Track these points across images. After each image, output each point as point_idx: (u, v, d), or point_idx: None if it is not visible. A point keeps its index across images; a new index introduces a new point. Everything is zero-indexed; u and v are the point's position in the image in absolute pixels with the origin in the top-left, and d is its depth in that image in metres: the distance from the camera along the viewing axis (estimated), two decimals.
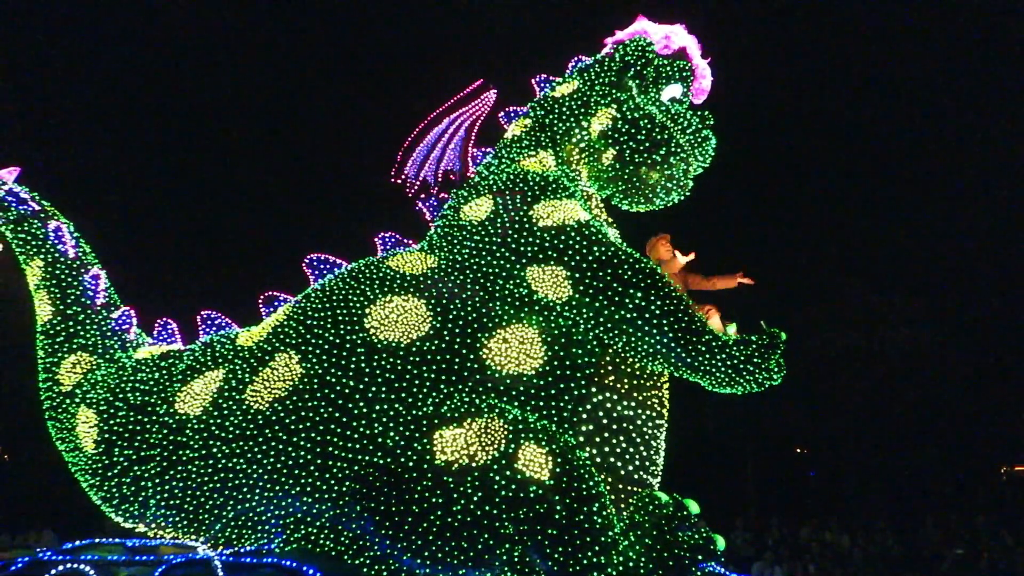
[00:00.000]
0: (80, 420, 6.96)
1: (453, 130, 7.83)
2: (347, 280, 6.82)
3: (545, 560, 5.44)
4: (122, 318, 7.61)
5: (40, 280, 7.56)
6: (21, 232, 7.70)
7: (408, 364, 6.13)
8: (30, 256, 7.65)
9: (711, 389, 6.45)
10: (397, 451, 5.76)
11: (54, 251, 7.64)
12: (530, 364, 6.13)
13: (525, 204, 6.78)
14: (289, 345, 6.52)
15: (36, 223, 7.73)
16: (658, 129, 7.15)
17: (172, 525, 6.63)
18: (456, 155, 7.80)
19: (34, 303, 7.58)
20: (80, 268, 7.64)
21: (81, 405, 7.02)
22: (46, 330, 7.41)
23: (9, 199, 7.75)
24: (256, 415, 6.29)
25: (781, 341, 6.25)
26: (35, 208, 7.82)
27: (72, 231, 7.89)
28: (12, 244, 7.83)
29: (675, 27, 7.80)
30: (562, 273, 6.32)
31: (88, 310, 7.48)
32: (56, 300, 7.46)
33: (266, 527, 6.25)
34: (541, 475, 5.51)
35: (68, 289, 7.50)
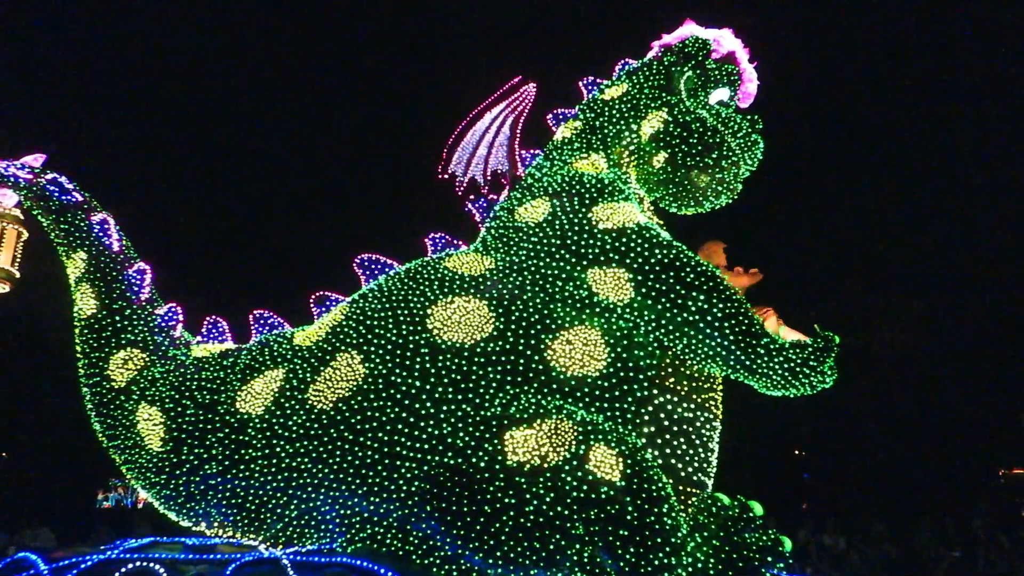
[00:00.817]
0: (142, 417, 6.90)
1: (497, 128, 7.87)
2: (405, 280, 6.84)
3: (616, 561, 5.46)
4: (168, 314, 7.55)
5: (83, 273, 7.48)
6: (64, 223, 7.61)
7: (473, 365, 6.16)
8: (73, 248, 7.57)
9: (764, 392, 6.51)
10: (468, 451, 5.78)
11: (98, 244, 7.57)
12: (594, 366, 6.17)
13: (583, 206, 6.83)
14: (350, 345, 6.52)
15: (80, 214, 7.64)
16: (710, 132, 7.22)
17: (232, 524, 6.62)
18: (503, 155, 7.83)
19: (75, 296, 7.48)
20: (124, 262, 7.59)
21: (141, 402, 6.95)
22: (90, 324, 7.32)
23: (52, 188, 7.67)
24: (320, 415, 6.29)
25: (835, 344, 6.34)
26: (78, 199, 7.73)
27: (116, 225, 7.84)
28: (52, 236, 7.74)
29: (723, 31, 7.88)
30: (624, 275, 6.37)
31: (133, 305, 7.42)
32: (101, 294, 7.38)
33: (329, 527, 6.26)
34: (612, 476, 5.54)
35: (113, 283, 7.43)
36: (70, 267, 7.59)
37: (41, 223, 7.85)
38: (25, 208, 8.05)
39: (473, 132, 8.12)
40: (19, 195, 7.87)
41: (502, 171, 7.82)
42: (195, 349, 7.29)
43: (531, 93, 8.25)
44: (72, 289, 7.53)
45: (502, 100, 8.01)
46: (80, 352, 7.32)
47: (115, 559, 5.80)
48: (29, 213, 8.43)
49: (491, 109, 8.02)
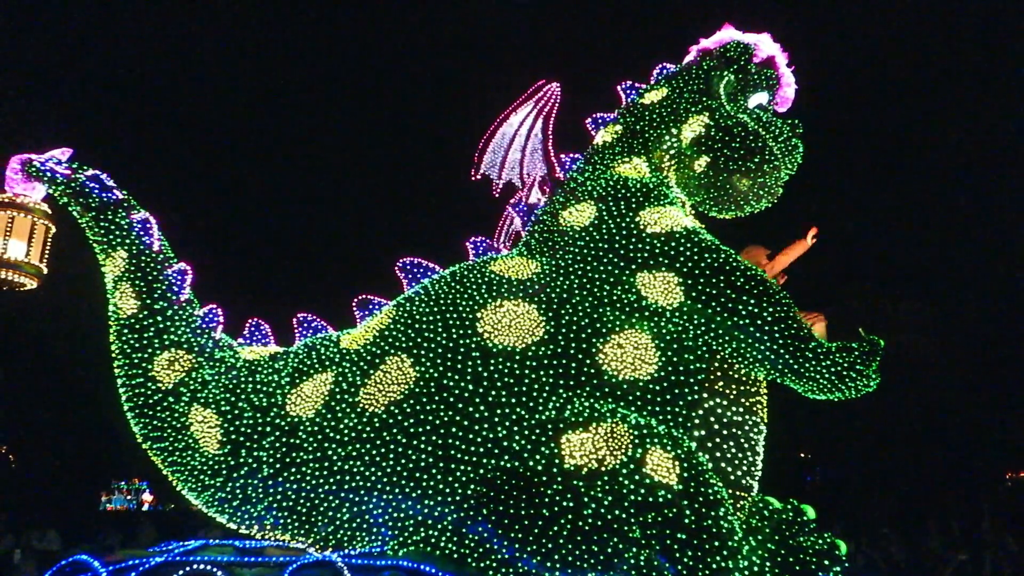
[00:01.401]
0: (195, 420, 6.84)
1: (527, 130, 7.90)
2: (452, 284, 6.86)
3: (673, 564, 5.48)
4: (209, 315, 7.46)
5: (123, 272, 7.33)
6: (104, 221, 7.47)
7: (526, 369, 6.18)
8: (112, 247, 7.42)
9: (809, 395, 6.55)
10: (524, 454, 5.79)
11: (139, 242, 7.43)
12: (645, 369, 6.19)
13: (629, 210, 6.86)
14: (400, 348, 6.53)
15: (120, 212, 7.50)
16: (752, 137, 7.25)
17: (282, 527, 6.62)
18: (539, 158, 7.85)
19: (114, 296, 7.33)
20: (164, 262, 7.48)
21: (194, 404, 6.89)
22: (131, 324, 7.17)
23: (91, 185, 7.54)
24: (372, 418, 6.30)
25: (881, 348, 6.38)
26: (118, 196, 7.61)
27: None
28: (89, 233, 7.60)
29: (762, 36, 7.92)
30: (673, 279, 6.41)
31: (175, 305, 7.32)
32: (142, 294, 7.25)
33: (380, 529, 6.27)
34: (669, 479, 5.56)
35: (154, 283, 7.30)
36: (108, 266, 7.44)
37: (77, 220, 7.71)
38: (60, 204, 7.81)
39: (502, 134, 8.15)
40: (54, 191, 7.68)
41: (541, 175, 7.83)
42: (243, 351, 7.26)
43: (556, 93, 8.27)
44: (110, 288, 7.40)
45: (527, 101, 8.03)
46: (119, 352, 7.17)
47: (174, 562, 5.79)
48: (57, 208, 8.20)
49: (517, 111, 8.04)
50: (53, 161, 7.61)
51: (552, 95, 8.08)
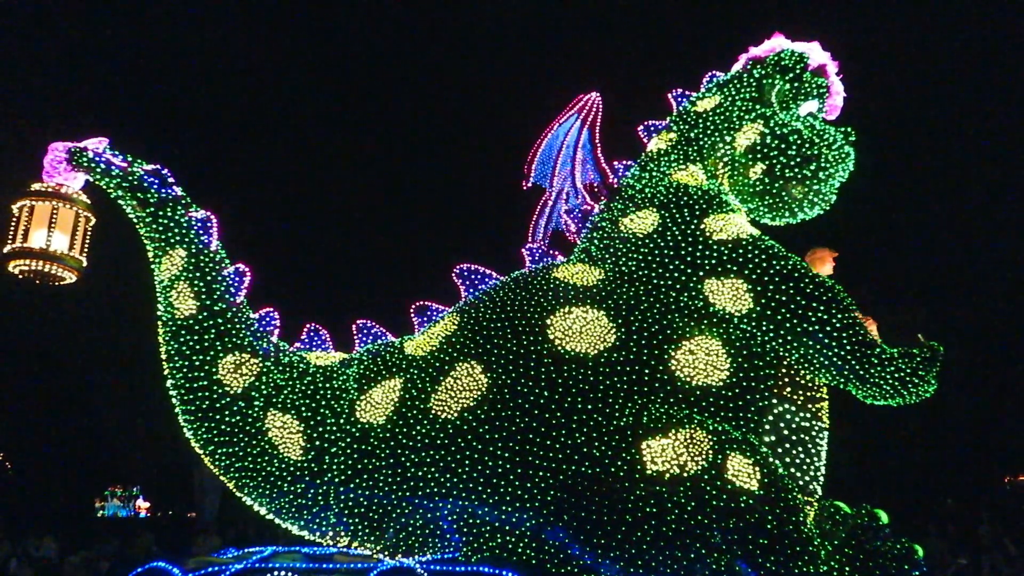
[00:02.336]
0: (273, 425, 6.79)
1: (574, 139, 7.95)
2: (516, 290, 6.87)
3: (756, 570, 5.51)
4: (266, 318, 7.40)
5: (181, 271, 7.22)
6: (163, 218, 7.35)
7: (599, 375, 6.20)
8: (171, 244, 7.30)
9: (869, 401, 6.60)
10: (605, 460, 5.81)
11: (198, 241, 7.33)
12: (717, 375, 6.23)
13: (694, 217, 6.91)
14: (469, 355, 6.54)
15: (180, 209, 7.39)
16: (807, 144, 7.30)
17: (351, 534, 6.61)
18: (590, 166, 7.89)
19: (170, 295, 7.20)
20: (221, 262, 7.39)
21: (270, 409, 6.84)
22: (189, 326, 7.07)
23: (151, 180, 7.42)
24: (445, 424, 6.30)
25: (940, 354, 6.44)
26: (178, 193, 7.49)
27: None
28: (144, 230, 7.43)
29: (812, 44, 7.99)
30: (742, 286, 6.45)
31: (233, 307, 7.24)
32: (201, 294, 7.15)
33: (452, 535, 6.27)
34: (750, 485, 5.60)
35: (213, 284, 7.21)
36: (165, 264, 7.30)
37: (130, 215, 7.52)
38: (113, 198, 7.55)
39: (549, 145, 8.19)
40: (107, 183, 7.44)
41: (594, 182, 7.86)
42: (310, 356, 7.24)
43: (597, 103, 8.32)
44: (164, 287, 7.27)
45: (571, 111, 8.09)
46: (176, 354, 7.05)
47: (254, 569, 5.78)
48: (97, 197, 7.97)
49: (561, 121, 8.10)
50: (111, 153, 7.47)
51: (594, 104, 8.12)
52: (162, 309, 7.21)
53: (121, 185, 7.39)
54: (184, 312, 7.12)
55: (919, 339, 6.58)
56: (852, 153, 7.61)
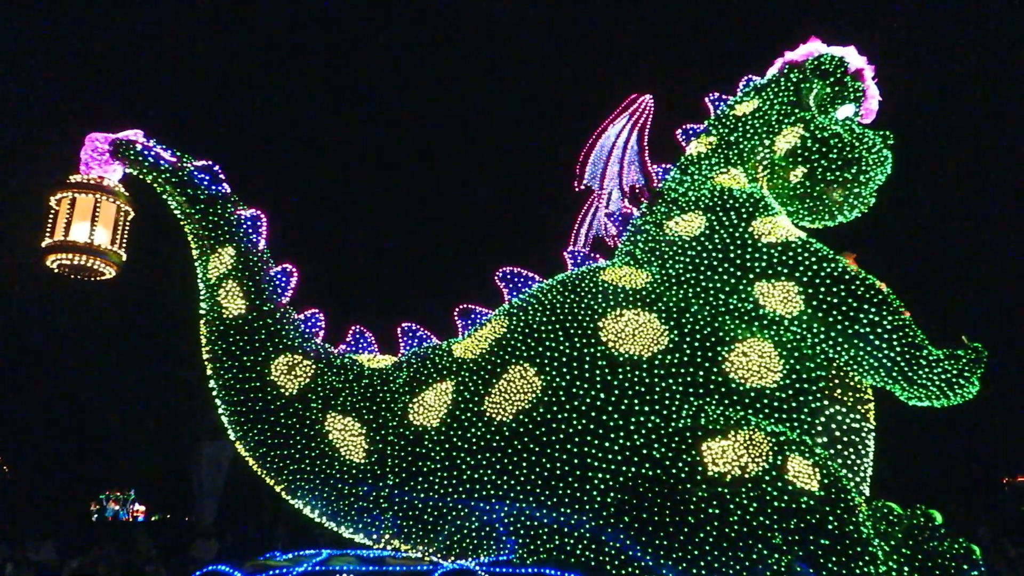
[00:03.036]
0: (334, 428, 6.76)
1: (624, 142, 7.97)
2: (565, 293, 6.89)
3: (817, 570, 5.54)
4: (311, 320, 7.36)
5: (230, 270, 7.16)
6: (213, 215, 7.27)
7: (655, 377, 6.23)
8: (220, 243, 7.23)
9: (914, 403, 6.66)
10: (666, 462, 5.83)
11: (247, 240, 7.27)
12: (771, 377, 6.27)
13: (741, 220, 6.94)
14: (521, 357, 6.55)
15: (229, 207, 7.31)
16: (848, 148, 7.36)
17: (404, 536, 6.60)
18: (636, 169, 7.93)
19: (217, 295, 7.13)
20: (268, 261, 7.34)
21: (330, 412, 6.81)
22: (239, 326, 7.03)
23: (202, 176, 7.35)
24: (501, 427, 6.31)
25: (985, 356, 6.51)
26: (227, 191, 7.41)
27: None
28: (191, 227, 7.33)
29: (848, 49, 8.05)
30: (793, 288, 6.49)
31: (281, 308, 7.19)
32: (251, 293, 7.10)
33: (508, 538, 6.27)
34: (811, 486, 5.63)
35: (261, 283, 7.17)
36: (213, 262, 7.23)
37: (176, 211, 7.43)
38: (160, 193, 7.44)
39: (601, 146, 8.21)
40: (154, 178, 7.33)
41: (639, 185, 7.90)
42: (361, 359, 7.22)
43: (649, 106, 8.36)
44: (211, 286, 7.19)
45: (623, 114, 8.12)
46: (224, 355, 7.00)
47: (315, 571, 5.77)
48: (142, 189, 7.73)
49: (614, 123, 8.13)
50: (161, 147, 7.38)
51: (646, 107, 8.16)
52: (207, 308, 7.16)
53: (170, 180, 7.31)
54: (233, 312, 7.08)
55: (963, 341, 6.65)
56: (890, 156, 7.69)
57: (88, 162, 7.33)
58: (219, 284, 7.14)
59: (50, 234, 7.26)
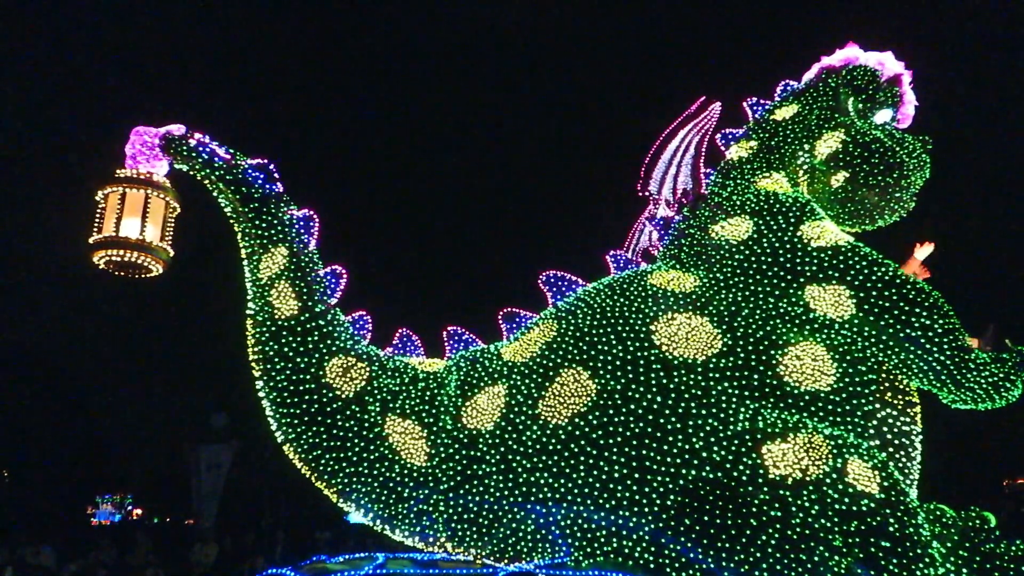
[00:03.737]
0: (394, 431, 6.74)
1: (685, 147, 7.99)
2: (615, 297, 6.90)
3: (878, 573, 5.57)
4: (360, 322, 7.31)
5: (283, 270, 7.08)
6: (266, 214, 7.18)
7: (711, 380, 6.25)
8: (273, 242, 7.15)
9: (958, 406, 6.71)
10: (727, 465, 5.85)
11: (299, 240, 7.21)
12: (825, 380, 6.30)
13: (789, 225, 6.98)
14: (574, 361, 6.56)
15: (282, 206, 7.24)
16: (890, 153, 7.42)
17: (458, 539, 6.59)
18: (689, 173, 7.95)
19: (269, 295, 7.04)
20: (318, 262, 7.29)
21: (388, 415, 6.79)
22: (291, 327, 6.96)
23: (255, 174, 7.26)
24: (556, 430, 6.32)
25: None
26: (279, 190, 7.32)
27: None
28: (243, 226, 7.20)
29: (886, 55, 8.11)
30: (844, 292, 6.53)
31: (331, 309, 7.16)
32: (303, 294, 7.04)
33: (563, 540, 6.28)
34: (871, 489, 5.66)
35: (313, 284, 7.12)
36: (265, 262, 7.15)
37: (226, 209, 7.32)
38: (212, 190, 7.30)
39: (668, 151, 8.24)
40: (206, 174, 7.20)
41: (687, 189, 7.93)
42: (412, 362, 7.21)
43: (716, 113, 8.38)
44: (264, 286, 7.11)
45: (690, 120, 8.15)
46: (277, 356, 6.91)
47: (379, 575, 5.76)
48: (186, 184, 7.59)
49: (681, 128, 8.15)
50: (215, 144, 7.29)
51: (713, 114, 8.18)
52: (256, 309, 7.08)
53: (224, 178, 7.22)
54: (285, 312, 7.02)
55: (1007, 344, 6.71)
56: (928, 161, 7.75)
57: (136, 156, 7.19)
58: (271, 284, 7.07)
59: (98, 229, 7.12)
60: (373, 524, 6.87)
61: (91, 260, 7.14)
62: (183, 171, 7.36)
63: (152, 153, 7.18)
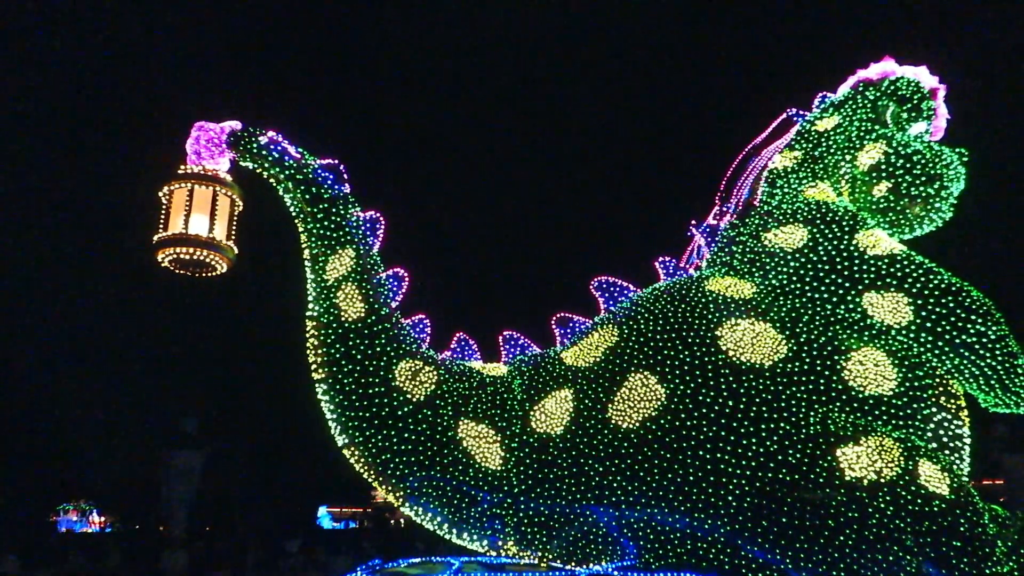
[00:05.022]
0: (468, 435, 6.74)
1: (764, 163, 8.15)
2: (675, 303, 7.01)
3: (950, 571, 5.74)
4: (420, 325, 7.27)
5: (350, 272, 7.05)
6: (335, 215, 7.12)
7: (778, 385, 6.38)
8: (341, 244, 7.11)
9: (999, 409, 6.93)
10: (803, 467, 5.97)
11: (365, 242, 7.16)
12: (887, 385, 6.47)
13: (844, 234, 7.16)
14: (640, 366, 6.64)
15: (350, 208, 7.19)
16: (930, 164, 7.66)
17: (527, 543, 6.62)
18: (749, 182, 8.09)
19: (336, 297, 6.98)
20: (381, 264, 7.26)
21: (461, 419, 6.78)
22: (359, 329, 6.92)
23: (325, 174, 7.18)
24: (628, 434, 6.40)
25: None
26: (347, 191, 7.25)
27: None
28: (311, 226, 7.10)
29: (921, 69, 8.36)
30: (903, 299, 6.72)
31: (395, 312, 7.13)
32: (369, 297, 7.01)
33: (631, 542, 6.35)
34: (941, 490, 5.83)
35: (379, 287, 7.09)
36: (332, 263, 7.09)
37: (292, 209, 7.21)
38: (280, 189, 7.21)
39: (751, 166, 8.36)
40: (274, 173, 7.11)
41: (743, 198, 8.07)
42: (476, 366, 7.22)
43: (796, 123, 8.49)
44: (330, 288, 7.03)
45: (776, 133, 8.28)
46: (344, 359, 6.85)
47: None
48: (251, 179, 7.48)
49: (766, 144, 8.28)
50: (287, 143, 7.19)
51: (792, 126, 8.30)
52: (321, 311, 6.99)
53: (294, 177, 7.15)
54: (352, 315, 6.96)
55: None
56: (963, 172, 8.01)
57: (200, 151, 7.09)
58: (338, 286, 7.02)
59: (163, 227, 6.99)
60: (439, 528, 6.85)
61: (154, 258, 7.00)
62: (248, 168, 7.26)
63: (218, 149, 7.07)
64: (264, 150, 7.16)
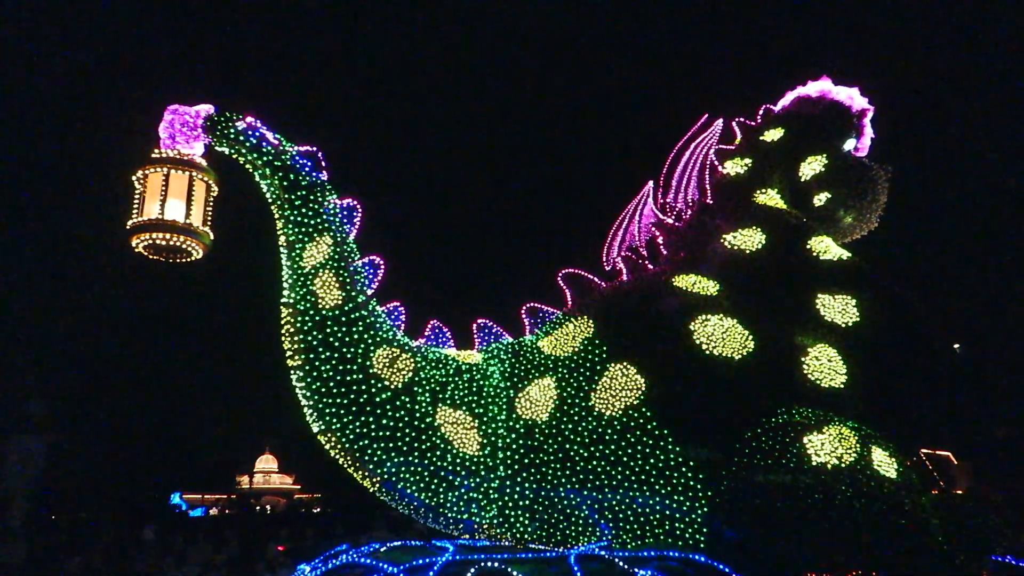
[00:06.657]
0: (446, 420, 6.80)
1: (695, 161, 8.57)
2: (645, 297, 7.38)
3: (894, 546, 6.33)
4: (395, 312, 7.25)
5: (327, 259, 6.93)
6: (313, 202, 6.99)
7: (747, 377, 6.85)
8: (318, 231, 6.99)
9: None
10: (775, 453, 6.44)
11: (342, 229, 7.09)
12: (839, 379, 7.08)
13: (798, 238, 7.76)
14: (619, 357, 6.95)
15: (327, 195, 7.08)
16: (867, 177, 8.42)
17: (508, 526, 6.79)
18: (695, 184, 8.53)
19: (313, 284, 6.87)
20: (357, 251, 7.19)
21: (439, 405, 6.83)
22: (335, 316, 6.83)
23: (303, 161, 7.04)
24: (612, 421, 6.70)
25: None
26: (325, 178, 7.11)
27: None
28: (288, 213, 6.95)
29: (854, 90, 9.11)
30: (851, 301, 7.37)
31: (371, 299, 7.10)
32: (346, 284, 6.93)
33: (608, 523, 6.64)
34: (890, 473, 6.46)
35: (355, 274, 7.02)
36: (309, 251, 6.95)
37: (269, 196, 7.06)
38: (257, 175, 7.02)
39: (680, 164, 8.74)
40: (251, 158, 6.90)
41: (695, 199, 8.50)
42: (451, 353, 7.28)
43: (718, 130, 8.96)
44: (307, 275, 6.92)
45: (696, 136, 8.71)
46: (322, 346, 6.75)
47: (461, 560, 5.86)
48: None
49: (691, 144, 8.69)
50: (265, 127, 7.01)
51: (716, 131, 8.74)
52: (298, 297, 6.85)
53: (272, 164, 6.98)
54: (329, 302, 6.86)
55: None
56: (888, 187, 8.82)
57: (175, 135, 6.81)
58: (315, 273, 6.91)
59: (138, 212, 6.72)
60: (415, 513, 6.91)
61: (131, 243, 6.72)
62: (224, 153, 7.03)
63: (193, 133, 6.82)
64: (242, 135, 6.95)
